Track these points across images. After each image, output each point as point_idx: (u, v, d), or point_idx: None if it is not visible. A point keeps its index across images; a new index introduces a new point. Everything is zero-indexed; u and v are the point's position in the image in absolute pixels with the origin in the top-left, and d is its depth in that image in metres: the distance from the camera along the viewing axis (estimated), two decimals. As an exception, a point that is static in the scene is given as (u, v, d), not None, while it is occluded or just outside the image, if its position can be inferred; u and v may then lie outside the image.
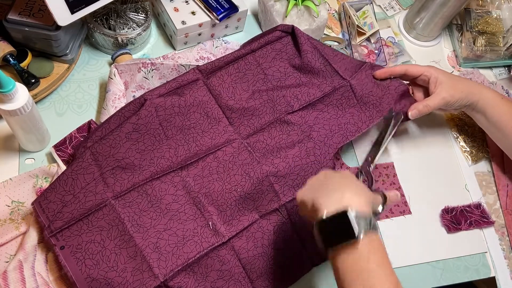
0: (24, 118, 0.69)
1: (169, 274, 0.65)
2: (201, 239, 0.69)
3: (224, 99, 0.80)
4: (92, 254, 0.66)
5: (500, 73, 1.11)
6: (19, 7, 0.79)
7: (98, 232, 0.67)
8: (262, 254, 0.71)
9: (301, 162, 0.76)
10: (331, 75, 0.83)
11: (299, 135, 0.79)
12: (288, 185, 0.74)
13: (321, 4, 0.97)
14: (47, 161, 0.80)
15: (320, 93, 0.82)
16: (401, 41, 1.11)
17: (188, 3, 0.94)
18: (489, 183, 0.95)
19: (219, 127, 0.78)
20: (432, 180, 0.93)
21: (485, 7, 1.10)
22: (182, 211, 0.71)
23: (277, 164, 0.75)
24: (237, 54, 0.82)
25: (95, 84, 0.89)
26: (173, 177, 0.73)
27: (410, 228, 0.86)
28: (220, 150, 0.76)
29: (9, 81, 0.63)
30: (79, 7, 0.78)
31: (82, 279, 0.64)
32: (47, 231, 0.66)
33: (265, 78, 0.82)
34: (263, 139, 0.78)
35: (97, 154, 0.72)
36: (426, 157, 0.95)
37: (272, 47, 0.84)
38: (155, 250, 0.67)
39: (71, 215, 0.67)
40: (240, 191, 0.72)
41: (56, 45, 0.81)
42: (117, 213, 0.68)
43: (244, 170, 0.74)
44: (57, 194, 0.69)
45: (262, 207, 0.73)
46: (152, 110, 0.75)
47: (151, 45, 0.96)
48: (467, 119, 1.01)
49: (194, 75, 0.80)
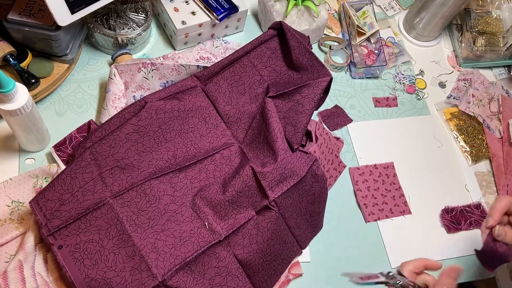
0: (24, 118, 0.69)
1: (167, 273, 0.65)
2: (198, 239, 0.69)
3: (221, 104, 0.81)
4: (91, 254, 0.66)
5: (500, 73, 1.12)
6: (19, 7, 0.79)
7: (96, 231, 0.67)
8: (258, 250, 0.71)
9: (286, 155, 0.75)
10: (318, 69, 0.82)
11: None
12: (276, 180, 0.74)
13: (321, 4, 0.97)
14: (47, 161, 0.80)
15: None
16: (401, 41, 1.11)
17: (188, 3, 0.94)
18: (489, 183, 0.95)
19: (217, 131, 0.79)
20: (432, 180, 0.93)
21: (485, 7, 1.10)
22: (180, 212, 0.71)
23: (262, 159, 0.76)
24: (231, 57, 0.82)
25: (95, 84, 0.89)
26: (171, 178, 0.73)
27: (410, 228, 0.86)
28: (218, 153, 0.76)
29: (9, 81, 0.63)
30: (79, 7, 0.78)
31: (81, 279, 0.64)
32: (44, 230, 0.66)
33: (261, 80, 0.82)
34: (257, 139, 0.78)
35: (97, 154, 0.72)
36: (426, 157, 0.95)
37: (266, 46, 0.84)
38: (153, 250, 0.67)
39: (69, 214, 0.67)
40: (232, 190, 0.72)
41: (56, 45, 0.81)
42: (115, 213, 0.68)
43: (237, 171, 0.75)
44: (55, 193, 0.69)
45: (256, 203, 0.73)
46: (153, 112, 0.76)
47: (151, 45, 0.96)
48: (467, 119, 1.01)
49: (192, 82, 0.81)
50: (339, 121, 0.95)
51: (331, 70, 1.02)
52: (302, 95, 0.79)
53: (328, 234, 0.83)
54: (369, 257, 0.83)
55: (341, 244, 0.83)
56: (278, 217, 0.73)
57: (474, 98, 1.02)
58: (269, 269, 0.72)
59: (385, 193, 0.89)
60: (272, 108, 0.78)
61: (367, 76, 1.03)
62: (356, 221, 0.86)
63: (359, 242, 0.84)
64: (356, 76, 1.02)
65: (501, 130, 1.00)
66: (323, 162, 0.84)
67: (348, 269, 0.81)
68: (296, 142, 0.78)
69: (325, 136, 0.86)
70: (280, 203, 0.73)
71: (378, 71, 1.02)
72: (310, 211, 0.77)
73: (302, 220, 0.77)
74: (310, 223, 0.78)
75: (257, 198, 0.73)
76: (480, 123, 1.00)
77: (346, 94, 1.00)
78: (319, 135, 0.83)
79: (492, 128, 1.00)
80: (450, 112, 1.01)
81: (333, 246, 0.83)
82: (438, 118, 1.01)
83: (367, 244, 0.84)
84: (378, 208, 0.87)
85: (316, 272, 0.80)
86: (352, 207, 0.87)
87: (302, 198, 0.76)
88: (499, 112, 1.02)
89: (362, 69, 1.01)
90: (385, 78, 1.04)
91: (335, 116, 0.95)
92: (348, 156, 0.92)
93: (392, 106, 1.00)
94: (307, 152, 0.78)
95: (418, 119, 1.00)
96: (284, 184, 0.73)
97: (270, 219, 0.72)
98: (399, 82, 1.04)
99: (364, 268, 0.81)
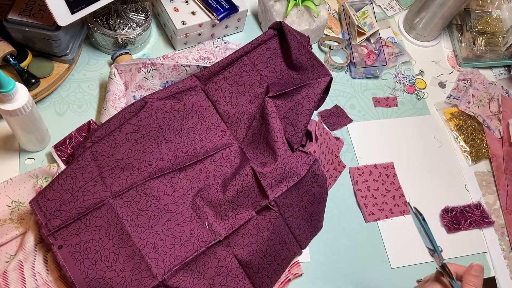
0: (24, 118, 0.69)
1: (167, 273, 0.65)
2: (198, 239, 0.69)
3: (221, 104, 0.81)
4: (91, 254, 0.66)
5: (500, 73, 1.12)
6: (19, 7, 0.79)
7: (96, 231, 0.67)
8: (258, 250, 0.71)
9: (286, 155, 0.75)
10: (318, 69, 0.82)
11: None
12: (276, 180, 0.74)
13: (321, 4, 0.97)
14: (47, 161, 0.80)
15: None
16: (401, 41, 1.11)
17: (188, 3, 0.94)
18: (489, 183, 0.95)
19: (217, 131, 0.79)
20: (432, 180, 0.93)
21: (485, 7, 1.10)
22: (179, 212, 0.71)
23: (262, 159, 0.76)
24: (231, 57, 0.82)
25: (95, 84, 0.89)
26: (171, 178, 0.73)
27: (410, 228, 0.86)
28: (218, 153, 0.76)
29: (9, 81, 0.63)
30: (79, 7, 0.78)
31: (81, 279, 0.64)
32: (44, 230, 0.66)
33: (261, 80, 0.82)
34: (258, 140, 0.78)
35: (97, 154, 0.72)
36: (426, 157, 0.95)
37: (266, 46, 0.84)
38: (153, 250, 0.67)
39: (69, 213, 0.67)
40: (232, 190, 0.72)
41: (56, 45, 0.81)
42: (115, 213, 0.68)
43: (237, 171, 0.75)
44: (55, 193, 0.69)
45: (256, 203, 0.73)
46: (153, 112, 0.76)
47: (151, 45, 0.96)
48: (467, 119, 1.01)
49: (192, 82, 0.81)
50: (339, 121, 0.95)
51: (331, 70, 1.02)
52: (302, 95, 0.79)
53: (328, 234, 0.83)
54: (369, 257, 0.83)
55: (341, 244, 0.83)
56: (278, 217, 0.73)
57: (474, 98, 1.02)
58: (269, 269, 0.72)
59: (385, 193, 0.89)
60: (272, 108, 0.78)
61: (367, 76, 1.03)
62: (356, 221, 0.86)
63: (359, 242, 0.84)
64: (356, 76, 1.02)
65: (501, 130, 1.00)
66: (323, 162, 0.84)
67: (347, 269, 0.81)
68: (296, 142, 0.78)
69: (325, 136, 0.86)
70: (280, 203, 0.73)
71: (378, 71, 1.02)
72: (310, 211, 0.77)
73: (302, 220, 0.77)
74: (310, 223, 0.78)
75: (257, 198, 0.73)
76: (480, 123, 1.00)
77: (346, 94, 1.00)
78: (319, 135, 0.83)
79: (492, 128, 1.00)
80: (450, 112, 1.01)
81: (333, 246, 0.83)
82: (438, 118, 1.01)
83: (367, 244, 0.84)
84: (378, 208, 0.87)
85: (316, 272, 0.80)
86: (352, 207, 0.87)
87: (302, 198, 0.76)
88: (499, 112, 1.02)
89: (362, 69, 1.01)
90: (385, 78, 1.04)
91: (335, 116, 0.95)
92: (348, 156, 0.92)
93: (392, 106, 1.00)
94: (307, 152, 0.78)
95: (418, 119, 1.00)
96: (284, 184, 0.73)
97: (270, 219, 0.72)
98: (399, 82, 1.04)
99: (364, 268, 0.82)
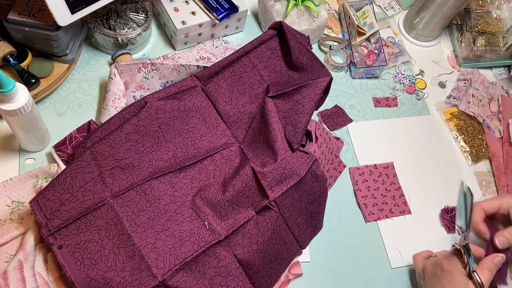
0: (24, 118, 0.69)
1: (167, 273, 0.65)
2: (198, 239, 0.69)
3: (221, 104, 0.81)
4: (91, 254, 0.66)
5: (500, 73, 1.12)
6: (19, 7, 0.79)
7: (96, 231, 0.67)
8: (258, 250, 0.71)
9: (286, 155, 0.75)
10: (318, 69, 0.82)
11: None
12: (276, 180, 0.74)
13: (321, 4, 0.97)
14: (47, 161, 0.80)
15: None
16: (401, 41, 1.11)
17: (188, 3, 0.94)
18: (489, 183, 0.95)
19: (217, 131, 0.79)
20: (432, 180, 0.93)
21: (485, 7, 1.10)
22: (179, 212, 0.71)
23: (262, 159, 0.76)
24: (231, 57, 0.82)
25: (95, 84, 0.89)
26: (171, 178, 0.73)
27: (410, 228, 0.86)
28: (218, 153, 0.76)
29: (9, 81, 0.63)
30: (79, 7, 0.78)
31: (81, 279, 0.64)
32: (45, 230, 0.66)
33: (261, 80, 0.82)
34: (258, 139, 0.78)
35: (97, 154, 0.72)
36: (426, 157, 0.95)
37: (266, 46, 0.84)
38: (153, 250, 0.67)
39: (69, 213, 0.67)
40: (232, 190, 0.72)
41: (56, 45, 0.81)
42: (115, 213, 0.68)
43: (237, 171, 0.75)
44: (55, 193, 0.69)
45: (256, 203, 0.73)
46: (153, 112, 0.76)
47: (151, 45, 0.96)
48: (467, 119, 1.01)
49: (192, 82, 0.81)
50: (339, 121, 0.95)
51: (331, 70, 1.02)
52: (302, 95, 0.79)
53: (328, 234, 0.83)
54: (369, 257, 0.83)
55: (341, 244, 0.83)
56: (278, 217, 0.73)
57: (474, 98, 1.02)
58: (269, 269, 0.72)
59: (385, 193, 0.89)
60: (272, 108, 0.78)
61: (367, 76, 1.03)
62: (356, 221, 0.86)
63: (359, 242, 0.84)
64: (356, 76, 1.02)
65: (501, 130, 1.00)
66: (323, 162, 0.84)
67: (347, 269, 0.81)
68: (296, 142, 0.78)
69: (325, 136, 0.86)
70: (280, 203, 0.73)
71: (378, 71, 1.02)
72: (310, 211, 0.77)
73: (302, 220, 0.77)
74: (310, 223, 0.78)
75: (257, 198, 0.73)
76: (480, 123, 1.00)
77: (346, 94, 1.00)
78: (319, 135, 0.83)
79: (492, 128, 1.00)
80: (450, 112, 1.01)
81: (333, 246, 0.83)
82: (438, 118, 1.01)
83: (367, 244, 0.84)
84: (378, 208, 0.87)
85: (316, 272, 0.80)
86: (352, 207, 0.87)
87: (302, 198, 0.76)
88: (499, 112, 1.02)
89: (362, 69, 1.01)
90: (385, 78, 1.04)
91: (335, 116, 0.95)
92: (348, 156, 0.92)
93: (392, 106, 1.00)
94: (307, 152, 0.78)
95: (418, 119, 1.00)
96: (284, 184, 0.73)
97: (270, 219, 0.72)
98: (399, 82, 1.04)
99: (364, 268, 0.82)
